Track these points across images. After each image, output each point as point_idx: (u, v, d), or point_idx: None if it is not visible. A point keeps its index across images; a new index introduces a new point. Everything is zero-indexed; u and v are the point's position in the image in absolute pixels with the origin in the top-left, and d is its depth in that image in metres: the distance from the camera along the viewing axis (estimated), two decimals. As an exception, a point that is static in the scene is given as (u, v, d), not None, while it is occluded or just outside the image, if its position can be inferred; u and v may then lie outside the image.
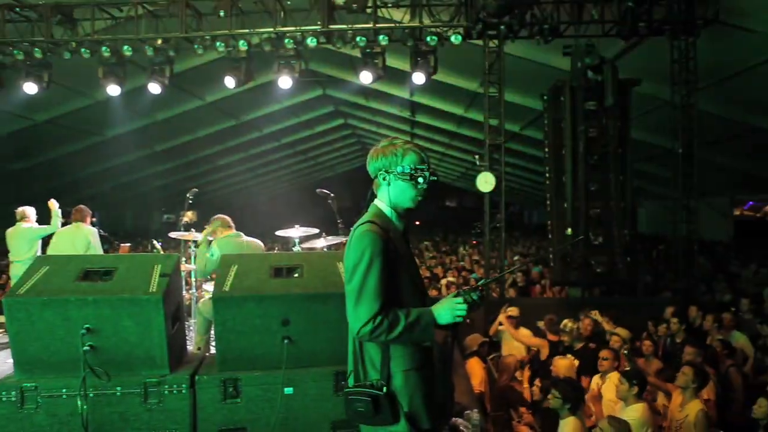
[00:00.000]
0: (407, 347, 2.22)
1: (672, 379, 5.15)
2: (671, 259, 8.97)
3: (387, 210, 2.32)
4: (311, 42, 8.20)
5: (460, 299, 2.21)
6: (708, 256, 13.49)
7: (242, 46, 8.25)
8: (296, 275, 3.60)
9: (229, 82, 8.72)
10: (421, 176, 2.27)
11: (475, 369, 5.45)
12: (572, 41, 8.16)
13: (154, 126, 14.24)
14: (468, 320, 6.96)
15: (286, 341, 3.40)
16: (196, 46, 8.28)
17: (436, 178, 2.30)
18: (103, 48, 8.25)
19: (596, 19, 8.00)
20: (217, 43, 8.23)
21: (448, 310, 2.19)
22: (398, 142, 2.34)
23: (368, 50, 8.32)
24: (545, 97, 8.40)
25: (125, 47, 8.24)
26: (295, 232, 5.93)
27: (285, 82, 8.66)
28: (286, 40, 8.21)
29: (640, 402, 4.53)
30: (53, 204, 6.87)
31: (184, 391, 3.33)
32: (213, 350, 4.57)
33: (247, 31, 8.25)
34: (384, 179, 2.30)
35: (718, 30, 8.01)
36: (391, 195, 2.30)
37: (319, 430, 3.43)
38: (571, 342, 6.18)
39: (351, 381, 2.30)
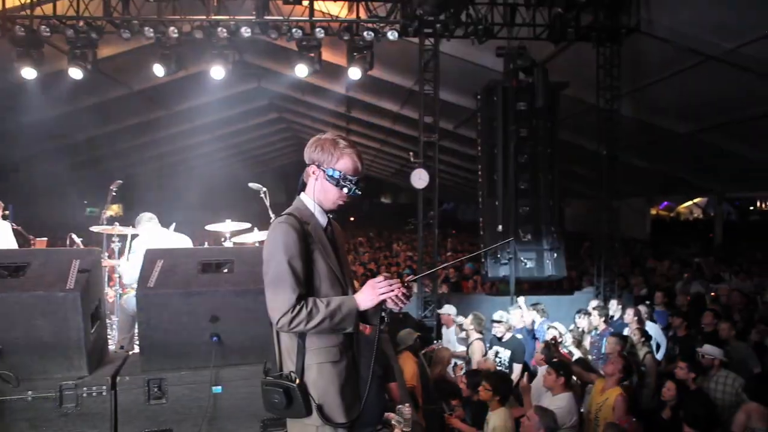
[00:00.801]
0: (323, 340, 2.24)
1: (590, 368, 5.41)
2: (594, 256, 9.41)
3: (310, 203, 2.34)
4: (245, 32, 8.00)
5: (380, 278, 2.24)
6: (627, 252, 14.25)
7: (173, 33, 7.93)
8: (226, 270, 3.49)
9: (158, 70, 8.37)
10: (347, 186, 2.28)
11: (408, 363, 5.49)
12: (505, 43, 8.38)
13: (76, 113, 13.43)
14: (401, 315, 6.98)
15: (214, 338, 3.29)
16: (122, 31, 7.87)
17: (360, 193, 2.30)
18: (17, 27, 7.70)
19: (528, 23, 8.26)
20: (146, 29, 7.87)
21: (369, 291, 2.22)
22: (341, 142, 2.31)
23: (304, 43, 8.21)
24: (478, 97, 8.59)
25: (42, 27, 7.72)
26: (226, 226, 5.77)
27: (218, 72, 8.41)
28: (219, 29, 7.97)
29: (567, 391, 4.72)
30: None
31: (104, 393, 3.15)
32: (137, 349, 4.37)
33: (178, 17, 7.94)
34: (314, 173, 2.31)
35: (639, 39, 8.45)
36: (317, 190, 2.32)
37: (248, 429, 3.35)
38: (503, 333, 6.37)
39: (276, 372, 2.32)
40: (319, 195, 2.32)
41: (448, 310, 7.18)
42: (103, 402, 3.14)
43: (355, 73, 8.44)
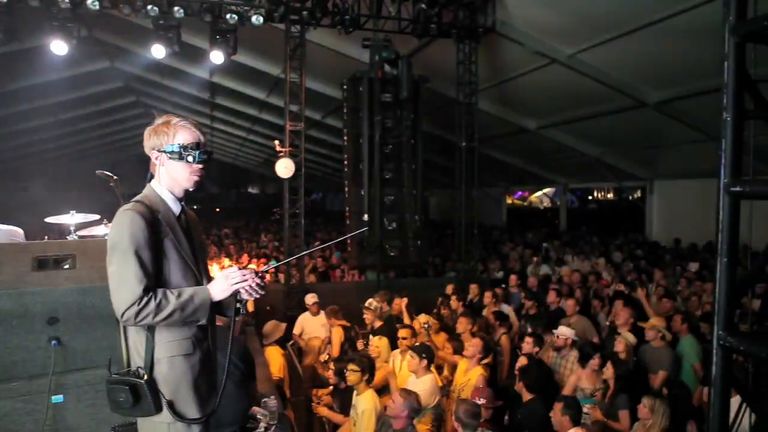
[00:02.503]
0: (174, 333, 2.15)
1: (458, 350, 5.70)
2: (456, 243, 9.91)
3: (161, 191, 2.24)
4: (92, 5, 7.28)
5: (233, 268, 2.21)
6: (485, 238, 15.23)
7: (1, -1, 7.00)
8: (66, 266, 3.17)
9: (-17, 41, 7.35)
10: (190, 155, 2.18)
11: (274, 356, 5.41)
12: (371, 35, 8.49)
13: None
14: (269, 307, 6.82)
15: (53, 342, 2.99)
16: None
17: (206, 156, 2.23)
18: None
19: (393, 16, 8.44)
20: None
21: (221, 281, 2.16)
22: (174, 119, 2.24)
23: (161, 22, 7.69)
24: (345, 87, 8.63)
25: None
26: (71, 218, 5.23)
27: (59, 47, 7.59)
28: None
29: (429, 373, 4.93)
30: None
31: None
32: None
33: (7, -18, 7.03)
34: (157, 159, 2.21)
35: (495, 39, 9.02)
36: (165, 176, 2.22)
37: (97, 439, 3.08)
38: (372, 321, 6.49)
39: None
40: (168, 180, 2.22)
41: (311, 299, 7.15)
42: None
43: (217, 57, 8.09)
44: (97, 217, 5.57)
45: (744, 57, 1.93)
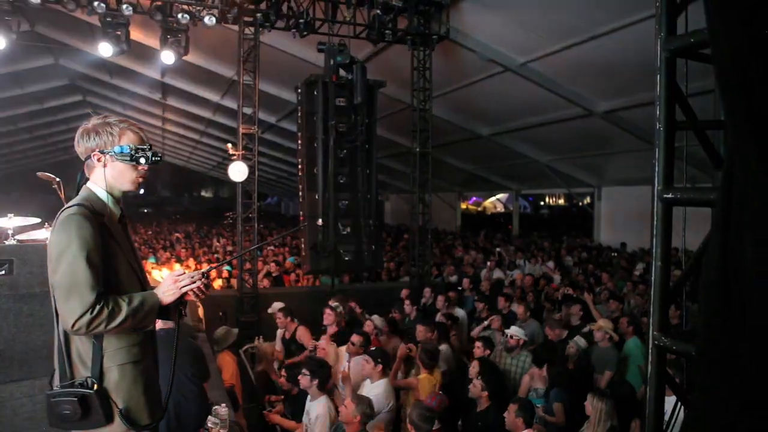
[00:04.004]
0: (122, 340, 2.08)
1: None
2: (410, 247, 9.98)
3: (101, 193, 2.16)
4: (34, -1, 7.02)
5: (180, 270, 2.18)
6: (439, 243, 15.39)
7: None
8: (2, 272, 3.03)
9: None
10: (142, 156, 2.14)
11: (226, 362, 5.31)
12: (326, 39, 8.48)
13: None
14: (221, 313, 6.69)
15: (-13, 352, 2.85)
16: None
17: (159, 158, 2.18)
18: None
19: (348, 21, 8.45)
20: None
21: (170, 285, 2.13)
22: (113, 120, 2.17)
23: (108, 19, 7.47)
24: (299, 90, 8.58)
25: None
26: (10, 222, 5.00)
27: (-2, 42, 7.27)
28: (-1, -7, 6.90)
29: (383, 378, 4.94)
30: None
31: None
32: None
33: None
34: (99, 160, 2.13)
35: (449, 46, 9.16)
36: (107, 177, 2.14)
37: (35, 453, 2.96)
38: (332, 323, 6.45)
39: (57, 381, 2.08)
40: (110, 182, 2.15)
41: (277, 307, 7.04)
42: None
43: (168, 57, 7.91)
44: (37, 220, 5.35)
45: (674, 70, 2.03)
